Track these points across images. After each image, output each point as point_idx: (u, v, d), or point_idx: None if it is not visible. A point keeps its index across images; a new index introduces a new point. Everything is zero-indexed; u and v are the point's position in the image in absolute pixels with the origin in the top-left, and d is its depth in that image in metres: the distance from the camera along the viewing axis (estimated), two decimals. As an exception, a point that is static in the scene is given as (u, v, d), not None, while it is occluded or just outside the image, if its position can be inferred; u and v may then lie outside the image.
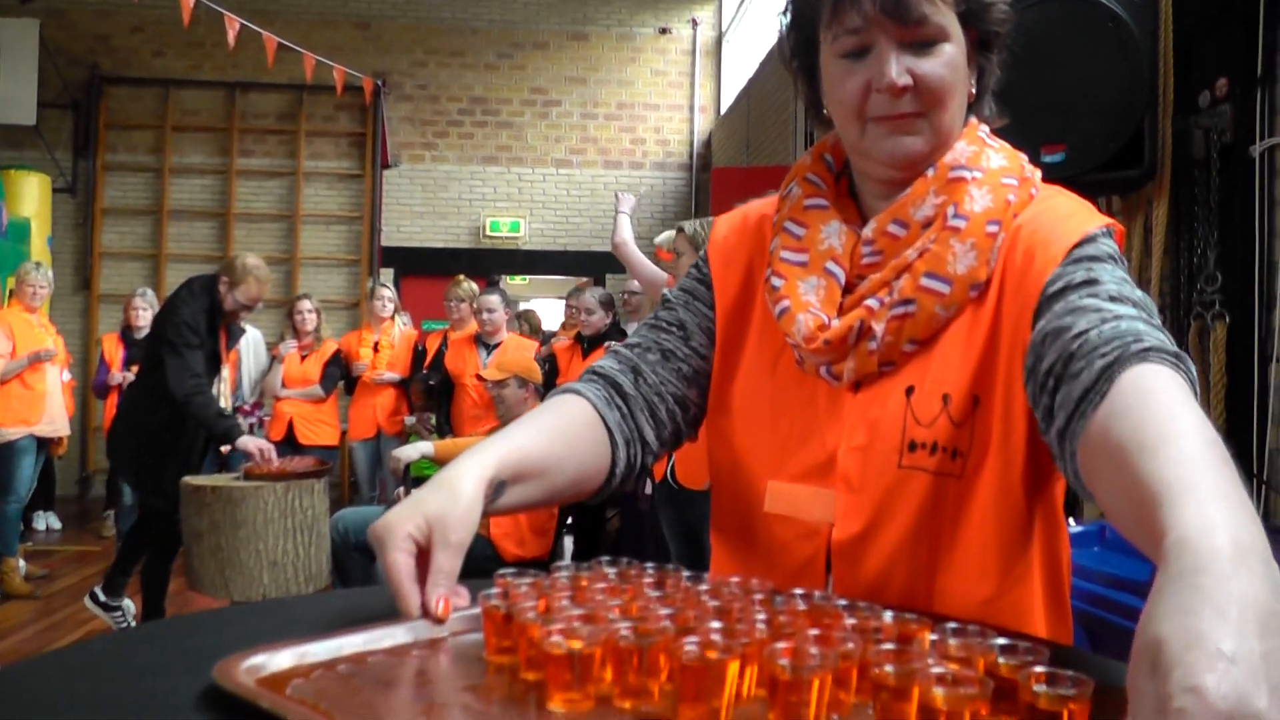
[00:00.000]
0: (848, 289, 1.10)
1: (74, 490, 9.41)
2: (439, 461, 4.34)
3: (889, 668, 0.69)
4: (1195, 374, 0.83)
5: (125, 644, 0.98)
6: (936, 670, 0.67)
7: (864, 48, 1.04)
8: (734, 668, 0.69)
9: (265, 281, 4.70)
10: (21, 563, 6.08)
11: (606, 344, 5.56)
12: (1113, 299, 0.91)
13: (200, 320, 4.58)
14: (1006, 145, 1.13)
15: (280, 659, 0.80)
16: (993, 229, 1.05)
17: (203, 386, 4.49)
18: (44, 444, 6.40)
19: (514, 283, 11.96)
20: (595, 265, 9.89)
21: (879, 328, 1.05)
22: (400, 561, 0.86)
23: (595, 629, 0.73)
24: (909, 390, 1.06)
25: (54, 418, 6.32)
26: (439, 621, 0.85)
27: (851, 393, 1.09)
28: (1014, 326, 1.01)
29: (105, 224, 9.93)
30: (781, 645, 0.69)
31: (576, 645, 0.71)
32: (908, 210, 1.07)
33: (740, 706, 0.71)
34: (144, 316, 6.95)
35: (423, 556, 0.88)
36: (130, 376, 6.60)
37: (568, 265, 10.45)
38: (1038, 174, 1.12)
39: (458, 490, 0.91)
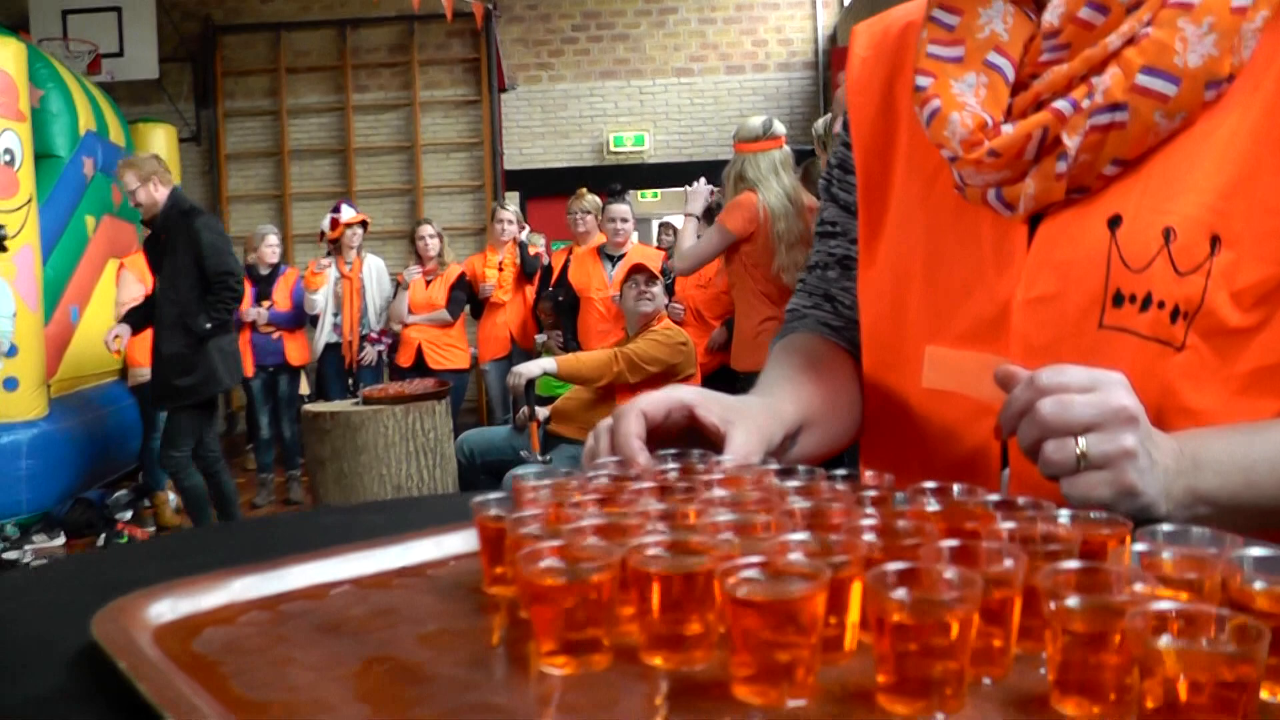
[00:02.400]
0: (1018, 88, 0.83)
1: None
2: (561, 377, 4.16)
3: (1073, 601, 0.42)
4: None
5: (45, 576, 0.79)
6: (1156, 606, 0.40)
7: None
8: (819, 603, 0.43)
9: (125, 166, 4.76)
10: (171, 496, 6.22)
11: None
12: None
13: None
14: None
15: (209, 597, 0.59)
16: (1242, 3, 0.75)
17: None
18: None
19: (644, 200, 11.66)
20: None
21: (1072, 142, 0.78)
22: (631, 420, 0.75)
23: (609, 546, 0.48)
24: (1114, 221, 0.78)
25: (186, 356, 6.39)
26: None
27: (1027, 227, 0.83)
28: None
29: (230, 169, 10.06)
30: (894, 567, 0.43)
31: (582, 569, 0.47)
32: None
33: (835, 663, 0.46)
34: (274, 253, 6.94)
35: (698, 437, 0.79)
36: (263, 312, 6.65)
37: (695, 176, 10.07)
38: None
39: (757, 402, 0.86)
